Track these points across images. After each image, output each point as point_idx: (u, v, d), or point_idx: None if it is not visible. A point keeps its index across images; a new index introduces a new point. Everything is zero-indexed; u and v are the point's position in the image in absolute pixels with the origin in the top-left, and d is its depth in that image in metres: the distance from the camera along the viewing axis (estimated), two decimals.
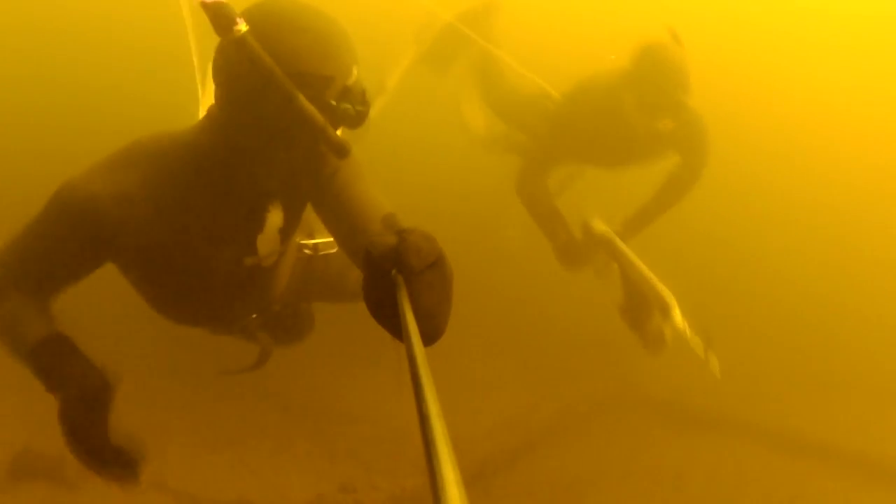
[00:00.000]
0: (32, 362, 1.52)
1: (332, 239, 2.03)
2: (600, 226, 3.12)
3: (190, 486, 2.75)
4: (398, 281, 0.91)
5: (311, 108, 1.49)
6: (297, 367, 3.03)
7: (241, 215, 1.73)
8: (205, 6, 1.43)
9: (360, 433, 3.42)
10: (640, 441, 3.84)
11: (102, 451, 1.50)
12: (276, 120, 1.53)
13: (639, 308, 2.76)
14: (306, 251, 2.15)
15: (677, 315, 2.62)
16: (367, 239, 0.98)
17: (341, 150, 1.55)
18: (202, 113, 2.45)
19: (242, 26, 1.44)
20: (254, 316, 2.11)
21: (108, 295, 2.08)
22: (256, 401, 3.31)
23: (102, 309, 2.69)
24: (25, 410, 2.55)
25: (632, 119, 3.10)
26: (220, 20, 1.43)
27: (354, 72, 1.57)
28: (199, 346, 2.39)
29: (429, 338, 0.92)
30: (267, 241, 1.80)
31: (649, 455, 3.71)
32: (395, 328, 0.88)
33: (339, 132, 1.58)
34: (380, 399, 3.53)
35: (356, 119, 1.59)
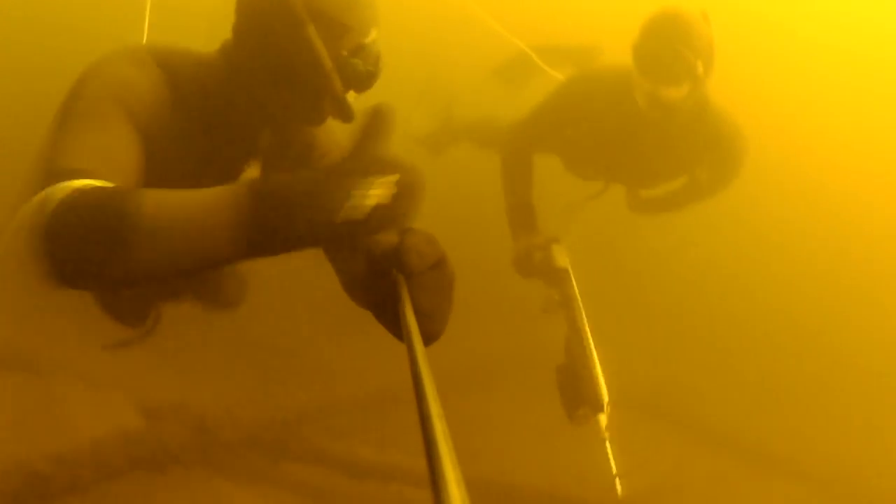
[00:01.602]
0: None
1: None
2: (563, 260, 2.71)
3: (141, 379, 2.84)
4: (399, 281, 0.91)
5: (320, 45, 1.39)
6: None
7: (224, 156, 1.58)
8: None
9: None
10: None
11: None
12: (286, 55, 1.42)
13: (572, 383, 2.45)
14: None
15: (603, 420, 2.36)
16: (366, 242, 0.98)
17: (345, 112, 1.48)
18: None
19: None
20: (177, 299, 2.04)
21: None
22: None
23: None
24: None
25: (636, 90, 2.73)
26: None
27: (373, 33, 1.48)
28: None
29: (429, 338, 0.91)
30: None
31: None
32: (396, 328, 0.87)
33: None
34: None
35: (364, 79, 1.49)
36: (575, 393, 2.39)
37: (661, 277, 5.29)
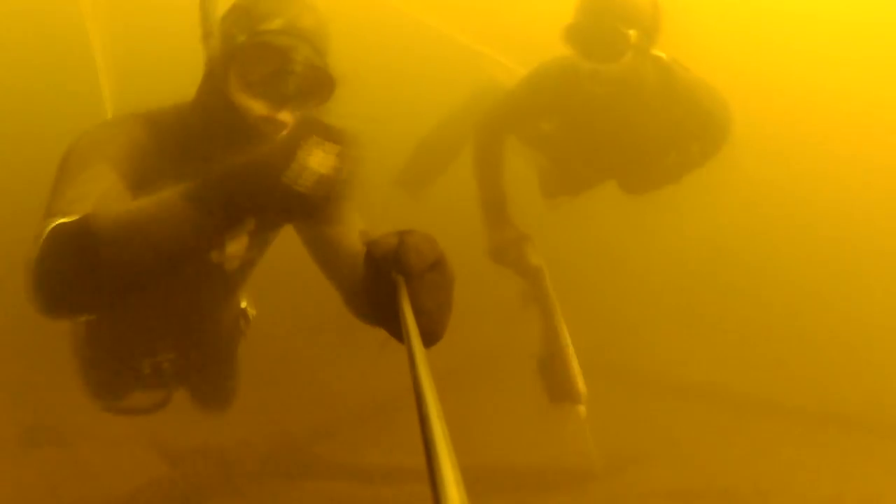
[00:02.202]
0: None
1: None
2: (535, 258, 2.66)
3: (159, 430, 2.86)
4: (398, 282, 0.89)
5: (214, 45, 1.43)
6: None
7: None
8: None
9: None
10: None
11: None
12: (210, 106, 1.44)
13: (551, 377, 2.48)
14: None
15: (582, 411, 2.42)
16: (365, 241, 0.96)
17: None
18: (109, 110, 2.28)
19: None
20: (172, 356, 1.96)
21: None
22: None
23: None
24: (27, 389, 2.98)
25: (580, 72, 2.57)
26: None
27: (308, 26, 1.42)
28: None
29: (429, 339, 0.89)
30: (235, 238, 1.68)
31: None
32: (396, 329, 0.85)
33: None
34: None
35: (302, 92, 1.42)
36: (555, 386, 2.46)
37: (644, 250, 5.21)
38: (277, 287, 2.09)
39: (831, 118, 6.77)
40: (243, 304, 2.13)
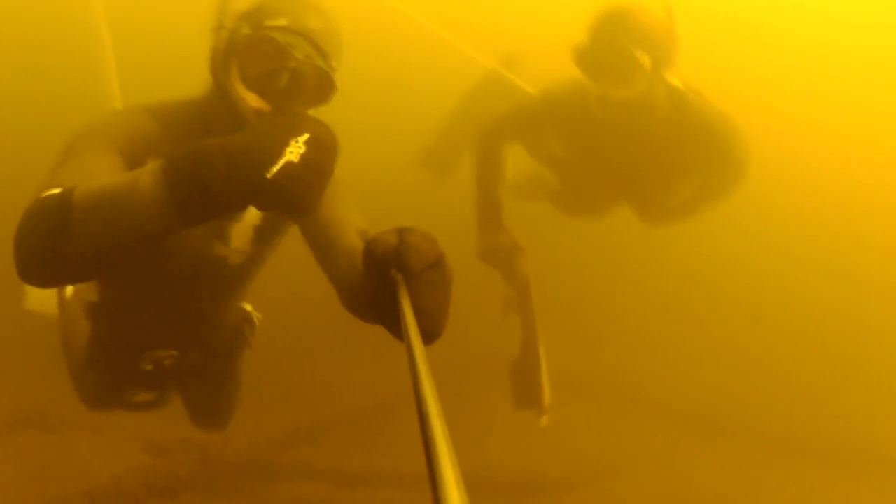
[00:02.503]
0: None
1: None
2: (522, 270, 2.62)
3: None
4: (398, 280, 0.87)
5: (219, 42, 1.45)
6: None
7: None
8: None
9: None
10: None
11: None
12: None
13: (520, 380, 2.49)
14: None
15: (545, 421, 2.42)
16: (365, 239, 0.93)
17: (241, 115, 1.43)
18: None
19: None
20: (174, 353, 1.93)
21: None
22: None
23: None
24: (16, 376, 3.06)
25: (589, 97, 2.43)
26: None
27: (313, 27, 1.45)
28: None
29: (428, 337, 0.88)
30: (240, 233, 1.70)
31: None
32: (395, 327, 0.83)
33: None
34: None
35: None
36: (521, 393, 2.46)
37: (652, 269, 5.22)
38: (265, 290, 2.09)
39: (846, 145, 6.69)
40: (248, 308, 2.09)
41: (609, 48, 2.27)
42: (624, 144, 2.58)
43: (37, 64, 5.91)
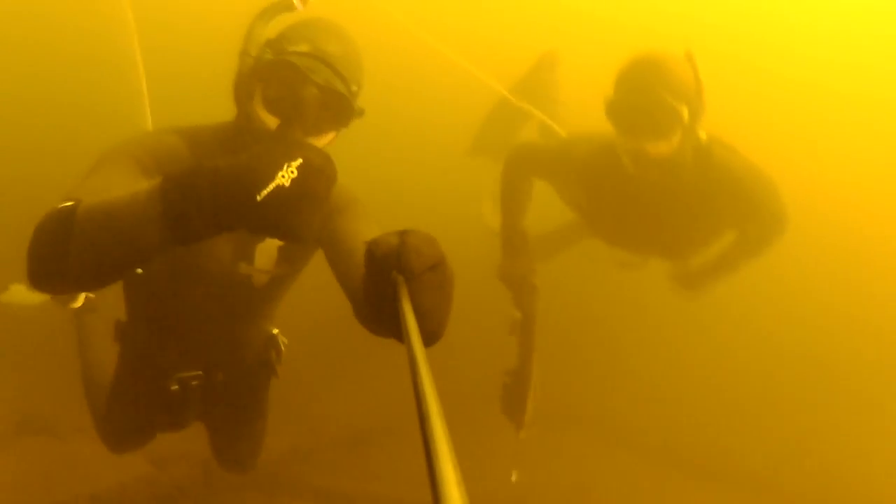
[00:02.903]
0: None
1: None
2: (534, 302, 2.61)
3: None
4: (399, 282, 0.86)
5: (244, 69, 1.48)
6: None
7: None
8: None
9: None
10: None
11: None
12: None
13: (509, 395, 2.55)
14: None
15: (522, 434, 2.49)
16: (366, 241, 0.93)
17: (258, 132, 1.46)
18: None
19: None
20: (200, 373, 1.91)
21: None
22: None
23: None
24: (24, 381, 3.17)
25: (621, 151, 2.29)
26: None
27: (333, 52, 1.49)
28: None
29: (429, 338, 0.87)
30: (265, 253, 1.70)
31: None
32: (396, 329, 0.82)
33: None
34: None
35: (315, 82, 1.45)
36: (507, 406, 2.54)
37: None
38: None
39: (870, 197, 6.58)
40: (275, 331, 2.05)
41: (647, 101, 2.13)
42: (654, 200, 2.43)
43: (70, 87, 6.03)
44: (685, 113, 2.12)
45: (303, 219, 1.02)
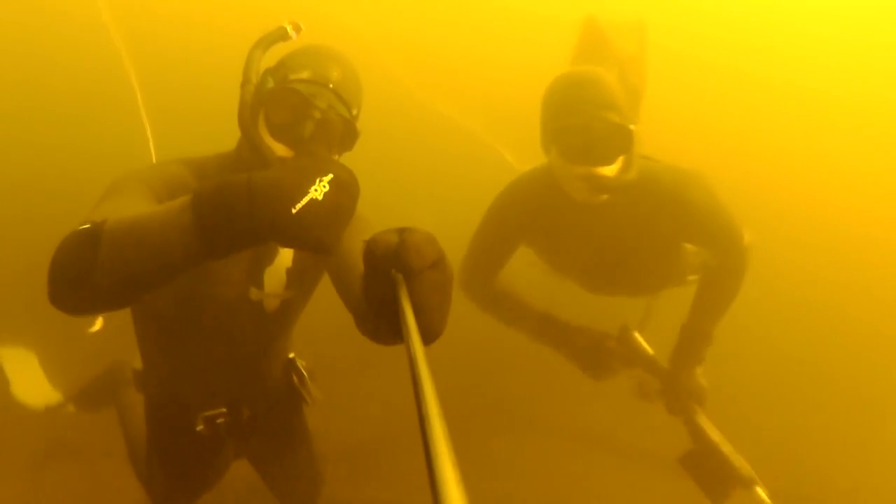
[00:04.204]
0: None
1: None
2: (643, 346, 2.38)
3: None
4: (398, 280, 0.85)
5: (247, 95, 1.47)
6: None
7: None
8: None
9: None
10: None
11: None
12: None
13: (709, 468, 2.22)
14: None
15: (761, 492, 2.10)
16: (365, 239, 0.91)
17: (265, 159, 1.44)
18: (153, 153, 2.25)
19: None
20: (223, 410, 1.84)
21: None
22: None
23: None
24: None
25: (563, 181, 2.06)
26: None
27: (334, 78, 1.51)
28: None
29: (428, 336, 0.87)
30: (273, 277, 1.68)
31: None
32: (395, 327, 0.82)
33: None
34: None
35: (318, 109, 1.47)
36: (716, 478, 2.20)
37: None
38: None
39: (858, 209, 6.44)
40: (291, 355, 1.99)
41: (598, 125, 1.91)
42: (609, 225, 2.22)
43: (72, 121, 6.03)
44: (629, 124, 1.92)
45: (332, 231, 1.02)
